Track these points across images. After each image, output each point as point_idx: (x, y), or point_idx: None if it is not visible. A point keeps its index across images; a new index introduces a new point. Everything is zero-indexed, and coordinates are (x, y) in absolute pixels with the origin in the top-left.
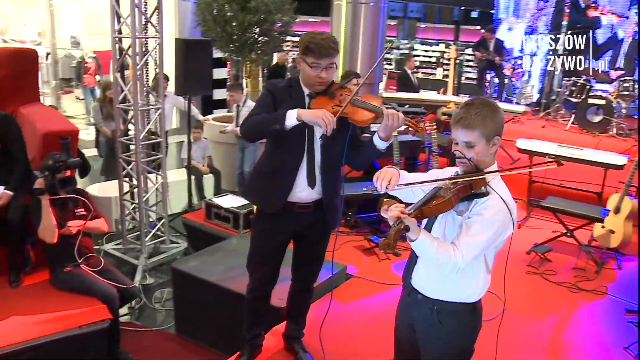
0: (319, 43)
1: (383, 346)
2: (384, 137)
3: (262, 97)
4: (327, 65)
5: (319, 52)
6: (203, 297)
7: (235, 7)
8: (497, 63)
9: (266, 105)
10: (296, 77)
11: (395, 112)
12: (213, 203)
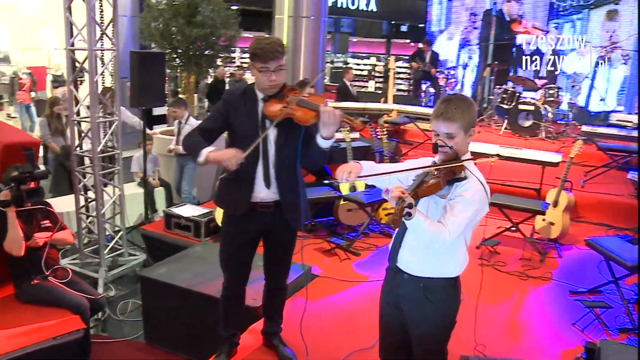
0: (264, 47)
1: (357, 336)
2: (325, 135)
3: (216, 108)
4: (276, 68)
5: (265, 56)
6: (173, 303)
7: (181, 21)
8: (433, 74)
9: (216, 118)
10: (251, 84)
11: (331, 109)
12: (173, 213)
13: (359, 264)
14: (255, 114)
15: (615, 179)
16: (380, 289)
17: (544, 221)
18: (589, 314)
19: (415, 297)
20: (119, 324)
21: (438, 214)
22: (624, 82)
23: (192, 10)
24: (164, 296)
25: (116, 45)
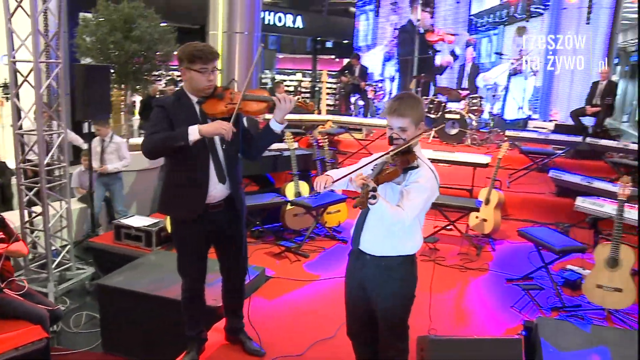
0: (203, 50)
1: (317, 328)
2: (279, 120)
3: (155, 114)
4: (212, 68)
5: (205, 57)
6: (132, 309)
7: (119, 36)
8: (362, 87)
9: (162, 121)
10: (181, 89)
11: (286, 95)
12: (122, 224)
13: (309, 264)
14: (195, 116)
15: (537, 179)
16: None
17: (477, 218)
18: (525, 296)
19: (378, 276)
20: (73, 336)
21: (395, 199)
22: (536, 92)
23: (128, 26)
24: (123, 303)
25: (62, 57)
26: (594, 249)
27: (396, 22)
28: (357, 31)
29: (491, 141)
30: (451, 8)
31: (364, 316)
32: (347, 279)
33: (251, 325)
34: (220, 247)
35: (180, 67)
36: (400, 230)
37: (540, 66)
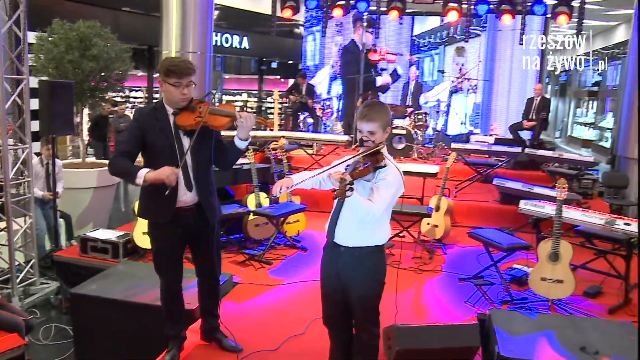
0: (179, 65)
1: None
2: (242, 137)
3: (130, 129)
4: (187, 83)
5: (180, 72)
6: (106, 316)
7: (76, 54)
8: (310, 105)
9: (132, 140)
10: (159, 101)
11: (247, 113)
12: (89, 237)
13: (273, 271)
14: (168, 127)
15: (481, 189)
16: (296, 289)
17: (429, 225)
18: (477, 292)
19: (352, 265)
20: (42, 348)
21: (366, 194)
22: (476, 108)
23: (85, 44)
24: (97, 310)
25: (26, 73)
26: (537, 246)
27: (341, 43)
28: (305, 51)
29: (437, 155)
30: (394, 29)
31: (339, 304)
32: (322, 270)
33: (224, 326)
34: (194, 249)
35: (158, 80)
36: (371, 222)
37: (479, 84)
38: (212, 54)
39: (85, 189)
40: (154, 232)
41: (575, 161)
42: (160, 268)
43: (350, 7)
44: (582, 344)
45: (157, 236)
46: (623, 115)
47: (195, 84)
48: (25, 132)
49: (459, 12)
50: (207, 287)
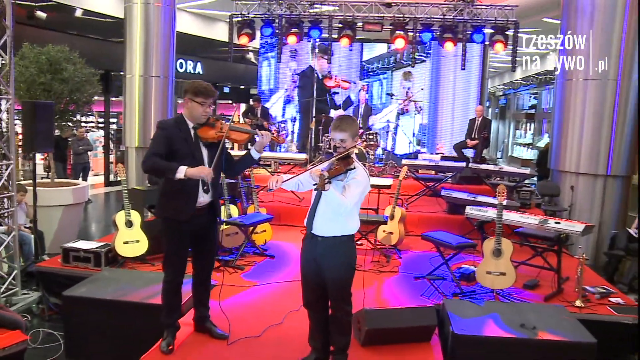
0: (207, 87)
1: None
2: (258, 149)
3: (157, 136)
4: (210, 103)
5: (207, 93)
6: (97, 316)
7: (48, 77)
8: (266, 127)
9: (161, 143)
10: (180, 116)
11: (266, 132)
12: (71, 247)
13: (245, 275)
14: (190, 138)
15: (430, 201)
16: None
17: (384, 232)
18: (430, 287)
19: (328, 252)
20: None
21: (339, 191)
22: (422, 129)
23: (54, 68)
24: (88, 311)
25: (12, 93)
26: (482, 245)
27: (295, 68)
28: (260, 76)
29: (387, 172)
30: (345, 55)
31: (317, 288)
32: (302, 258)
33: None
34: (198, 245)
35: (184, 97)
36: (343, 214)
37: (425, 106)
38: (174, 78)
39: (56, 207)
40: (169, 229)
41: (513, 173)
42: (169, 262)
43: (303, 34)
44: (522, 322)
45: (172, 233)
46: (554, 134)
47: (215, 106)
48: (10, 149)
49: (405, 39)
50: (203, 280)
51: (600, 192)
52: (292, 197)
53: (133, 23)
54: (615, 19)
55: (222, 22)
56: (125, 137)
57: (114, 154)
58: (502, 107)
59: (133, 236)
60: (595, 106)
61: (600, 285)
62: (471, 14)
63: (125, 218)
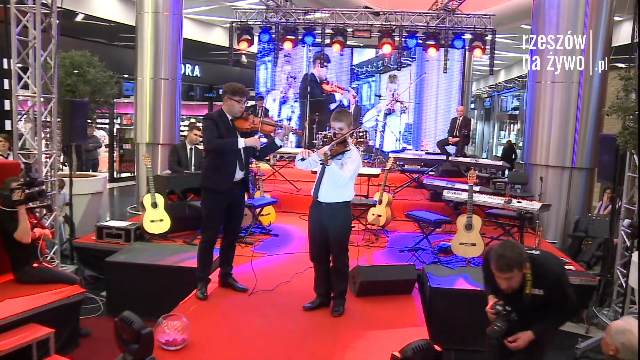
0: (242, 88)
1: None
2: (281, 138)
3: (209, 125)
4: (244, 101)
5: (242, 93)
6: (135, 278)
7: (74, 79)
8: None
9: (214, 129)
10: (221, 110)
11: (287, 124)
12: (104, 225)
13: (255, 248)
14: (230, 127)
15: (414, 192)
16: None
17: (374, 215)
18: (412, 257)
19: (330, 215)
20: None
21: (339, 167)
22: (408, 127)
23: (77, 71)
24: (127, 274)
25: (56, 92)
26: (457, 221)
27: (289, 71)
28: (258, 79)
29: (376, 167)
30: (336, 60)
31: (321, 244)
32: (310, 221)
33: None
34: (230, 213)
35: (223, 96)
36: (341, 185)
37: (410, 106)
38: (181, 80)
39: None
40: (210, 199)
41: (489, 165)
42: (207, 225)
43: (299, 40)
44: None
45: (212, 202)
46: (526, 131)
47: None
48: (53, 142)
49: (392, 45)
50: (231, 242)
51: (567, 183)
52: (291, 187)
53: (144, 30)
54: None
55: (218, 28)
56: (137, 134)
57: (117, 152)
58: (487, 108)
59: (158, 216)
60: (561, 106)
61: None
62: (452, 22)
63: (151, 200)
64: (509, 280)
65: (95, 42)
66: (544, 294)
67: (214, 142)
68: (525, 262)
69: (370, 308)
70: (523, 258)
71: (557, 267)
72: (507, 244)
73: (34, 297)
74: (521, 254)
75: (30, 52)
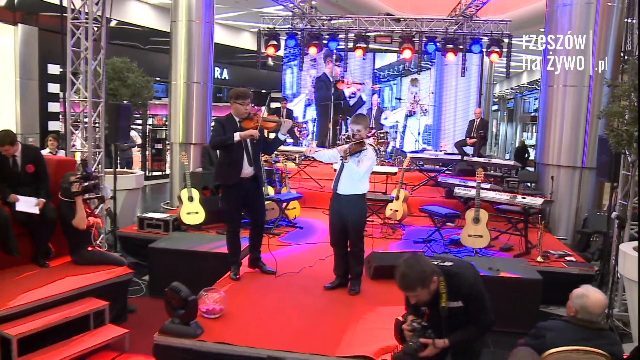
0: (243, 92)
1: (301, 262)
2: (283, 133)
3: (216, 127)
4: (247, 103)
5: (243, 96)
6: (175, 263)
7: (117, 83)
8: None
9: (220, 130)
10: (229, 114)
11: (287, 120)
12: (145, 217)
13: (281, 239)
14: (237, 129)
15: (431, 190)
16: (301, 248)
17: (391, 210)
18: (425, 247)
19: (348, 205)
20: None
21: (356, 163)
22: (428, 129)
23: (119, 75)
24: (168, 259)
25: (104, 97)
26: (465, 214)
27: (315, 75)
28: (284, 82)
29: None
30: (360, 63)
31: (341, 231)
32: (330, 211)
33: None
34: (249, 204)
35: (230, 101)
36: (358, 179)
37: (430, 108)
38: (212, 84)
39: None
40: (226, 193)
41: (501, 165)
42: (229, 216)
43: (323, 45)
44: (490, 266)
45: (228, 196)
46: (540, 132)
47: (252, 104)
48: (101, 140)
49: (412, 50)
50: (257, 229)
51: (577, 182)
52: (315, 185)
53: (178, 37)
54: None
55: (246, 32)
56: (171, 134)
57: (149, 151)
58: (510, 109)
59: (194, 208)
60: (572, 109)
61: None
62: (470, 27)
63: (188, 194)
64: (417, 297)
65: (129, 47)
66: (463, 305)
67: (214, 140)
68: (430, 277)
69: (383, 289)
70: (426, 275)
71: (472, 277)
72: (410, 261)
73: (90, 276)
74: (423, 271)
75: (81, 61)
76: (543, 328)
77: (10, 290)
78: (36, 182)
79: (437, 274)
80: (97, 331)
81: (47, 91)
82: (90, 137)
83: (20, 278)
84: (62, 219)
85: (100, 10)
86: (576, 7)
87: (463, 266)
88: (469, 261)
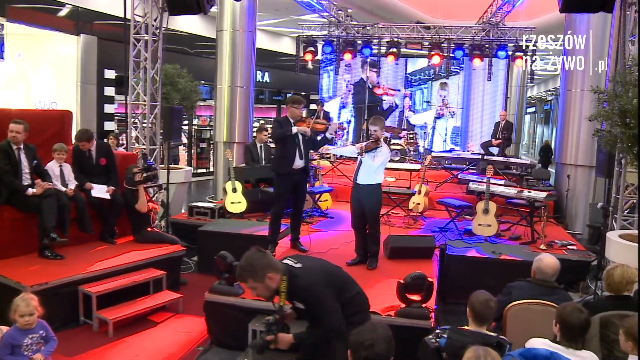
0: (299, 98)
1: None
2: (330, 133)
3: (275, 125)
4: (302, 107)
5: (299, 102)
6: (221, 244)
7: (169, 88)
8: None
9: (279, 128)
10: (285, 116)
11: (334, 122)
12: (194, 205)
13: (313, 226)
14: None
15: (454, 187)
16: (329, 234)
17: (414, 203)
18: (441, 236)
19: (366, 193)
20: None
21: (372, 158)
22: (456, 130)
23: (170, 81)
24: (215, 241)
25: (159, 101)
26: (476, 206)
27: (349, 80)
28: (321, 86)
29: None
30: (392, 68)
31: (360, 216)
32: (352, 199)
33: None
34: (295, 191)
35: (287, 105)
36: (374, 171)
37: (458, 111)
38: (254, 87)
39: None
40: (279, 180)
41: (519, 164)
42: (277, 199)
43: (357, 52)
44: (494, 250)
45: (281, 183)
46: (558, 134)
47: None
48: (156, 138)
49: (440, 56)
50: (297, 212)
51: (593, 180)
52: (347, 181)
53: (223, 45)
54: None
55: (286, 37)
56: (215, 134)
57: (195, 150)
58: (547, 111)
59: (237, 198)
60: (589, 112)
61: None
62: (497, 34)
63: (232, 186)
64: (254, 289)
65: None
66: (304, 307)
67: (275, 132)
68: (262, 273)
69: (397, 266)
70: (256, 270)
71: (309, 283)
72: (248, 254)
73: (149, 251)
74: (255, 265)
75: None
76: (511, 287)
77: (87, 260)
78: (107, 173)
79: (280, 273)
80: (156, 295)
81: (104, 94)
82: (149, 136)
83: (94, 251)
84: (127, 204)
85: (158, 22)
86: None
87: (308, 271)
88: (332, 267)
